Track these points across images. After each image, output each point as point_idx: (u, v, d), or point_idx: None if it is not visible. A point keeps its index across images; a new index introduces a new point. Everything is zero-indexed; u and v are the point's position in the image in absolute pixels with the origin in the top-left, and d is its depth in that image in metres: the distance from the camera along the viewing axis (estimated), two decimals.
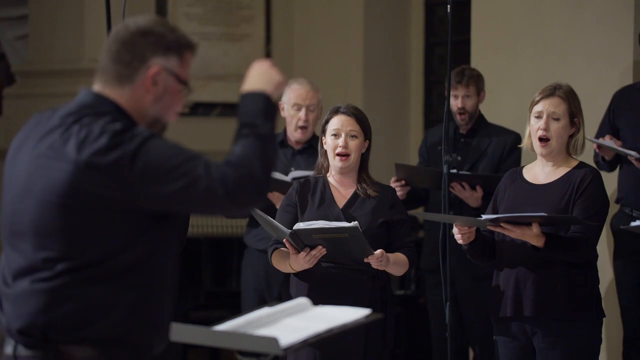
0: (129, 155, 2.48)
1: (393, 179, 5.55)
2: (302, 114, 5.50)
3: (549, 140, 4.26)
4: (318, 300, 3.25)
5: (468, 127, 5.76)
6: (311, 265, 4.24)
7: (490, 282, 4.40)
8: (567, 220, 4.17)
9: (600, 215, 4.22)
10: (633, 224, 4.69)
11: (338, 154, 4.40)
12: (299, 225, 4.18)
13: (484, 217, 4.14)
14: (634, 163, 5.32)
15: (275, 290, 5.54)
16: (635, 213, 5.46)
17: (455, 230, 4.24)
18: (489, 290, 4.41)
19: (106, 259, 2.54)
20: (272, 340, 2.61)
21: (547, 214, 4.09)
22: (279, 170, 5.47)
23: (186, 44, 2.66)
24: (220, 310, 6.89)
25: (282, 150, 5.60)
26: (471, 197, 5.50)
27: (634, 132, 5.49)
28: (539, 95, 4.31)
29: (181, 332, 2.76)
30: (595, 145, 5.37)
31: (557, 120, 4.27)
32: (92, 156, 2.50)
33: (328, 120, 4.45)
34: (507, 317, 4.26)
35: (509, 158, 5.61)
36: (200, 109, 8.23)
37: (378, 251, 4.21)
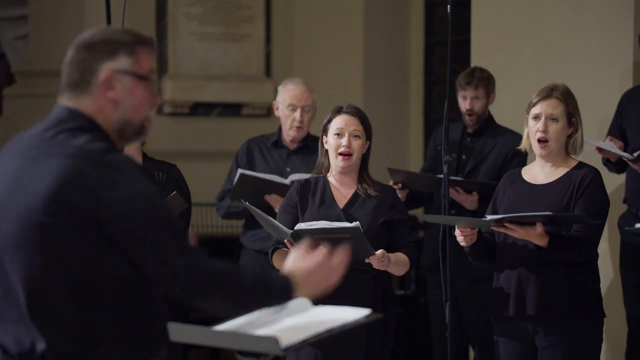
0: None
1: (391, 182, 5.54)
2: (298, 114, 5.48)
3: (548, 141, 4.27)
4: (318, 300, 3.24)
5: (476, 127, 5.75)
6: None
7: (489, 283, 4.39)
8: (571, 219, 4.17)
9: (601, 214, 4.22)
10: (638, 225, 4.70)
11: (341, 154, 4.40)
12: (301, 225, 4.18)
13: (489, 217, 4.13)
14: (631, 165, 5.33)
15: None
16: None
17: (457, 232, 4.24)
18: (488, 290, 4.41)
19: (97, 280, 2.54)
20: (272, 340, 2.61)
21: (552, 213, 4.09)
22: (273, 171, 5.45)
23: (135, 40, 2.63)
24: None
25: (276, 151, 5.57)
26: (466, 200, 5.50)
27: None
28: (536, 97, 4.31)
29: (181, 332, 2.76)
30: (595, 148, 5.36)
31: (556, 121, 4.27)
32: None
33: (330, 120, 4.43)
34: (509, 317, 4.26)
35: (513, 160, 5.57)
36: (200, 109, 8.23)
37: (379, 251, 4.20)
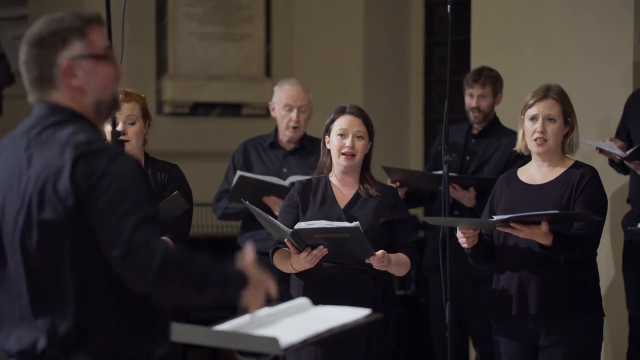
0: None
1: (389, 180, 5.55)
2: (294, 115, 5.46)
3: (547, 141, 4.29)
4: (319, 300, 3.24)
5: (480, 128, 5.75)
6: (312, 265, 4.23)
7: (489, 284, 4.39)
8: (578, 217, 4.18)
9: (600, 212, 4.24)
10: None
11: (344, 154, 4.39)
12: (300, 224, 4.18)
13: (495, 218, 4.14)
14: (627, 163, 5.33)
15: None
16: None
17: (459, 234, 4.24)
18: (488, 291, 4.41)
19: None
20: (272, 340, 2.61)
21: (558, 212, 4.10)
22: (270, 171, 5.44)
23: (83, 23, 2.61)
24: (220, 310, 6.87)
25: (273, 152, 5.54)
26: (464, 197, 5.50)
27: None
28: (532, 99, 4.32)
29: (181, 332, 2.76)
30: (595, 148, 5.37)
31: (553, 121, 4.29)
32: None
33: (334, 120, 4.42)
34: (510, 317, 4.26)
35: (516, 162, 5.55)
36: (200, 109, 8.22)
37: (379, 252, 4.20)
